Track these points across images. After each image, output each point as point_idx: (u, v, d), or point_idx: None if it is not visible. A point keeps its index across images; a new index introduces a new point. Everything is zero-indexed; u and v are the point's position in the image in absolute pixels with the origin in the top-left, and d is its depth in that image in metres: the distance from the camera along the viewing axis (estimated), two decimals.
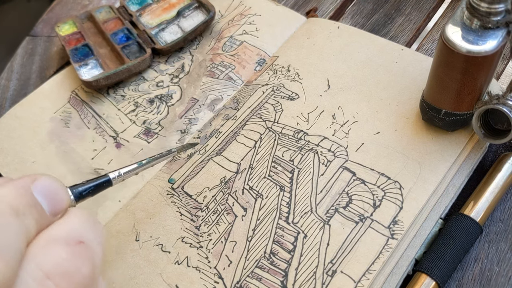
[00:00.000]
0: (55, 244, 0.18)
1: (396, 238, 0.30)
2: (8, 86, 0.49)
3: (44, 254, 0.18)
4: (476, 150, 0.34)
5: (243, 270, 0.31)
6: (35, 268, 0.17)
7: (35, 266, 0.17)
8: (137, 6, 0.51)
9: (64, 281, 0.17)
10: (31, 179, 0.20)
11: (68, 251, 0.18)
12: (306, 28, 0.45)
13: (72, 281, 0.17)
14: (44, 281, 0.17)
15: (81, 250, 0.18)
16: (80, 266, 0.18)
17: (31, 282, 0.17)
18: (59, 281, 0.17)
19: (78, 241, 0.19)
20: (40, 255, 0.17)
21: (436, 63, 0.31)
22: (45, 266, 0.17)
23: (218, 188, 0.36)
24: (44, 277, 0.17)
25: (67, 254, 0.18)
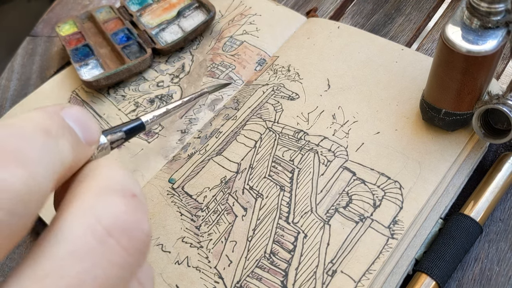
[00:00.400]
0: (112, 195, 0.16)
1: (396, 238, 0.30)
2: (8, 86, 0.49)
3: (102, 206, 0.15)
4: (476, 150, 0.34)
5: (243, 270, 0.31)
6: (94, 222, 0.14)
7: (94, 220, 0.15)
8: (138, 6, 0.51)
9: (126, 238, 0.15)
10: (59, 106, 0.17)
11: (127, 204, 0.15)
12: (306, 28, 0.45)
13: (134, 238, 0.15)
14: (106, 239, 0.14)
15: (137, 204, 0.16)
16: (140, 222, 0.16)
17: (90, 238, 0.14)
18: (120, 238, 0.15)
19: (132, 193, 0.16)
20: (99, 207, 0.15)
21: (436, 63, 0.31)
22: (106, 220, 0.15)
23: (218, 188, 0.36)
24: (106, 234, 0.14)
25: (126, 207, 0.15)
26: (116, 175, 0.17)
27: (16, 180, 0.13)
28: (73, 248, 0.14)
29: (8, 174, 0.13)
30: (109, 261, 0.14)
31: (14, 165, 0.13)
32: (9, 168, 0.13)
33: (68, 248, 0.14)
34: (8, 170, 0.13)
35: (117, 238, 0.15)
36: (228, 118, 0.40)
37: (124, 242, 0.15)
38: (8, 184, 0.13)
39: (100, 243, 0.14)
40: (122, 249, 0.15)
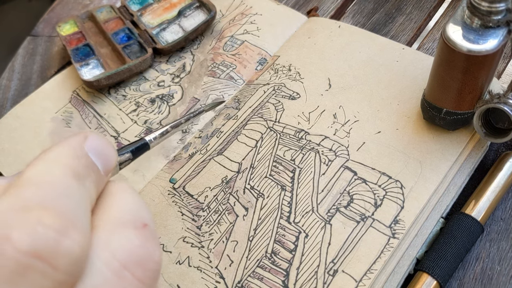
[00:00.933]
0: (124, 229, 0.17)
1: (397, 238, 0.30)
2: (9, 86, 0.49)
3: (117, 241, 0.16)
4: (477, 149, 0.34)
5: (245, 269, 0.31)
6: (110, 258, 0.16)
7: (110, 255, 0.16)
8: (138, 6, 0.51)
9: (140, 270, 0.16)
10: (83, 137, 0.18)
11: (139, 236, 0.17)
12: (307, 27, 0.45)
13: (148, 269, 0.16)
14: (122, 272, 0.16)
15: (148, 234, 0.17)
16: (151, 252, 0.17)
17: (108, 273, 0.15)
18: (135, 271, 0.16)
19: (143, 223, 0.17)
20: (114, 243, 0.16)
21: (437, 62, 0.31)
22: (121, 255, 0.16)
23: (219, 187, 0.36)
24: (122, 268, 0.16)
25: (139, 240, 0.16)
26: (127, 205, 0.18)
27: (75, 245, 0.15)
28: (93, 283, 0.15)
29: (70, 241, 0.14)
30: None
31: (72, 231, 0.15)
32: (69, 235, 0.14)
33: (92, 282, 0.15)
34: (69, 237, 0.14)
35: (132, 271, 0.16)
36: (229, 118, 0.40)
37: (139, 273, 0.16)
38: (70, 250, 0.14)
39: (117, 277, 0.16)
40: (137, 280, 0.16)
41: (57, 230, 0.14)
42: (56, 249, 0.14)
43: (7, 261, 0.13)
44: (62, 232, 0.14)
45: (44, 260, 0.14)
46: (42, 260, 0.14)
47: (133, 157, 0.26)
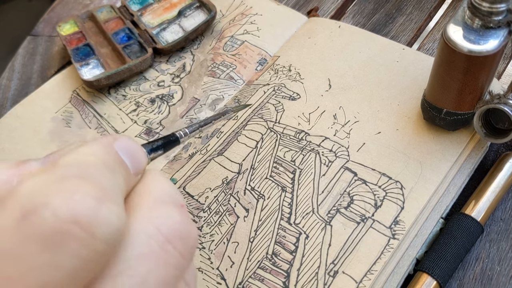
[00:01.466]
0: (166, 206, 0.18)
1: (397, 238, 0.30)
2: (9, 85, 0.49)
3: (160, 217, 0.17)
4: (477, 150, 0.34)
5: (246, 271, 0.31)
6: (155, 232, 0.17)
7: (155, 229, 0.17)
8: (138, 6, 0.51)
9: (181, 244, 0.17)
10: (113, 138, 0.19)
11: (179, 214, 0.18)
12: (307, 27, 0.45)
13: (187, 244, 0.17)
14: (166, 245, 0.17)
15: (186, 213, 0.18)
16: (190, 229, 0.18)
17: (154, 245, 0.16)
18: (177, 245, 0.17)
19: (181, 203, 0.18)
20: (157, 218, 0.17)
21: (438, 63, 0.31)
22: (165, 229, 0.17)
23: (220, 188, 0.36)
24: (166, 241, 0.17)
25: (180, 217, 0.18)
26: (165, 188, 0.19)
27: (113, 215, 0.15)
28: (139, 252, 0.16)
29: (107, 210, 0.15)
30: (168, 263, 0.17)
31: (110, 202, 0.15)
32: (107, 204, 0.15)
33: (135, 251, 0.16)
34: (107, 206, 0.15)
35: (174, 244, 0.17)
36: (229, 118, 0.40)
37: (180, 247, 0.17)
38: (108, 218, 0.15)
39: (161, 249, 0.17)
40: (178, 253, 0.17)
41: (96, 198, 0.15)
42: (95, 216, 0.14)
43: (45, 226, 0.14)
44: (100, 200, 0.15)
45: (82, 227, 0.14)
46: (80, 227, 0.14)
47: (164, 151, 0.26)
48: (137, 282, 0.16)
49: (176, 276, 0.17)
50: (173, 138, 0.27)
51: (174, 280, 0.17)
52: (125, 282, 0.16)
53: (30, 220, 0.14)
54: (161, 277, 0.16)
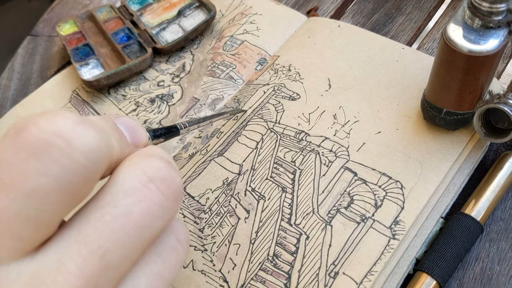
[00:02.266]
0: (153, 157, 0.20)
1: (397, 239, 0.30)
2: (9, 85, 0.49)
3: (147, 162, 0.20)
4: (477, 149, 0.34)
5: (247, 273, 0.31)
6: (140, 173, 0.19)
7: (140, 171, 0.19)
8: (138, 6, 0.51)
9: (163, 185, 0.19)
10: (114, 115, 0.22)
11: (164, 163, 0.20)
12: (307, 27, 0.45)
13: (170, 186, 0.20)
14: (148, 184, 0.19)
15: (172, 165, 0.21)
16: (174, 175, 0.20)
17: (137, 183, 0.19)
18: (160, 185, 0.19)
19: (168, 160, 0.21)
20: (144, 163, 0.20)
21: (437, 63, 0.31)
22: (149, 171, 0.19)
23: (220, 189, 0.36)
24: (148, 181, 0.19)
25: (164, 165, 0.20)
26: (157, 149, 0.22)
27: (90, 134, 0.17)
28: (124, 188, 0.19)
29: (84, 129, 0.17)
30: (150, 200, 0.19)
31: (89, 126, 0.18)
32: (84, 126, 0.17)
33: (120, 188, 0.19)
34: (84, 127, 0.17)
35: (157, 184, 0.19)
36: (229, 118, 0.40)
37: (162, 188, 0.19)
38: (85, 135, 0.17)
39: (144, 186, 0.19)
40: (160, 193, 0.19)
41: (74, 121, 0.17)
42: (72, 131, 0.17)
43: (32, 137, 0.16)
44: (78, 123, 0.17)
45: (62, 138, 0.17)
46: (60, 138, 0.17)
47: (165, 138, 0.29)
48: (122, 212, 0.18)
49: (161, 217, 0.19)
50: (174, 128, 0.31)
51: (160, 220, 0.19)
52: (111, 211, 0.18)
53: (21, 134, 0.16)
54: (144, 211, 0.19)
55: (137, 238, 0.18)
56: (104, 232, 0.18)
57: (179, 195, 0.20)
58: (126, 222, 0.18)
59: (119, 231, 0.18)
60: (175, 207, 0.20)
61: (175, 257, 0.21)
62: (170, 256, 0.21)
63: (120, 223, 0.18)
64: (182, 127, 0.32)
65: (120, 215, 0.18)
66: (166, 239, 0.21)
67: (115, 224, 0.18)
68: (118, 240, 0.18)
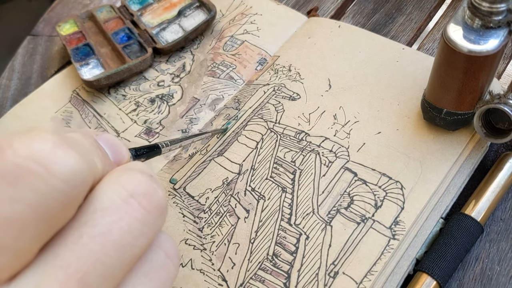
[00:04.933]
0: (133, 171, 0.19)
1: (397, 239, 0.30)
2: (9, 85, 0.49)
3: (127, 176, 0.19)
4: (477, 150, 0.34)
5: (246, 272, 0.31)
6: (119, 188, 0.18)
7: (119, 186, 0.18)
8: (138, 6, 0.51)
9: (145, 200, 0.18)
10: (94, 131, 0.21)
11: (145, 176, 0.19)
12: (307, 27, 0.45)
13: (152, 201, 0.19)
14: (129, 199, 0.18)
15: (153, 179, 0.20)
16: (156, 188, 0.19)
17: (116, 199, 0.18)
18: (141, 200, 0.18)
19: (150, 174, 0.20)
20: (123, 178, 0.19)
21: (438, 63, 0.31)
22: (129, 186, 0.18)
23: (220, 189, 0.36)
24: (129, 196, 0.18)
25: (145, 178, 0.19)
26: (137, 163, 0.21)
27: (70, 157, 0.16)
28: (102, 205, 0.18)
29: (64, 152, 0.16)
30: (132, 216, 0.18)
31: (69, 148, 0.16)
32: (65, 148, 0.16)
33: (98, 205, 0.18)
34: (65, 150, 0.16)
35: (138, 199, 0.18)
36: (229, 118, 0.40)
37: (144, 202, 0.18)
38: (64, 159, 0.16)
39: (125, 202, 0.18)
40: (142, 208, 0.18)
41: (53, 143, 0.16)
42: (50, 155, 0.16)
43: (7, 162, 0.15)
44: (58, 145, 0.16)
45: (39, 163, 0.15)
46: (38, 163, 0.15)
47: (147, 157, 0.29)
48: (100, 231, 0.17)
49: (144, 233, 0.18)
50: (156, 147, 0.30)
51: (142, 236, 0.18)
52: (89, 232, 0.17)
53: None
54: (125, 228, 0.18)
55: (118, 258, 0.17)
56: (81, 254, 0.17)
57: (163, 209, 0.19)
58: (106, 242, 0.17)
59: (97, 252, 0.17)
60: (159, 223, 0.19)
61: (165, 275, 0.20)
62: (159, 274, 0.20)
63: (99, 243, 0.17)
64: (164, 145, 0.31)
65: (99, 235, 0.17)
66: (153, 256, 0.20)
67: (93, 245, 0.17)
68: (98, 262, 0.17)
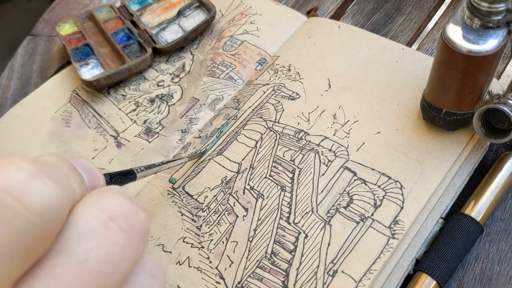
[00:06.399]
0: (112, 193, 0.18)
1: (397, 238, 0.30)
2: (9, 85, 0.49)
3: (106, 199, 0.18)
4: (476, 150, 0.34)
5: (244, 270, 0.31)
6: (97, 211, 0.17)
7: (97, 209, 0.17)
8: (138, 6, 0.51)
9: (126, 223, 0.17)
10: (69, 156, 0.20)
11: (125, 198, 0.18)
12: (306, 27, 0.45)
13: (134, 223, 0.17)
14: (108, 224, 0.17)
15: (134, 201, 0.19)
16: (137, 210, 0.18)
17: (94, 224, 0.17)
18: (121, 223, 0.17)
19: (129, 197, 0.19)
20: (102, 200, 0.17)
21: (437, 63, 0.31)
22: (108, 209, 0.17)
23: (219, 188, 0.36)
24: (108, 219, 0.17)
25: (125, 200, 0.18)
26: (116, 186, 0.19)
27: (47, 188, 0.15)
28: (78, 232, 0.16)
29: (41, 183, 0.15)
30: (112, 242, 0.17)
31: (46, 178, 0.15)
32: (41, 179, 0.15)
33: (74, 232, 0.16)
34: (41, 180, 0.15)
35: (118, 223, 0.17)
36: (229, 118, 0.40)
37: (125, 226, 0.17)
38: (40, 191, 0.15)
39: (103, 227, 0.17)
40: (123, 232, 0.17)
41: (29, 172, 0.15)
42: (25, 187, 0.15)
43: None
44: (34, 175, 0.15)
45: (13, 196, 0.14)
46: (12, 196, 0.14)
47: (121, 183, 0.28)
48: (76, 260, 0.16)
49: (126, 259, 0.17)
50: (131, 173, 0.29)
51: (123, 262, 0.17)
52: (64, 261, 0.16)
53: None
54: (103, 255, 0.16)
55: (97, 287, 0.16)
56: (55, 286, 0.15)
57: (145, 232, 0.18)
58: (82, 272, 0.16)
59: (74, 284, 0.16)
60: (141, 246, 0.18)
61: None
62: None
63: (75, 273, 0.16)
64: (139, 170, 0.30)
65: (74, 264, 0.16)
66: (137, 279, 0.18)
67: (68, 276, 0.16)
68: None
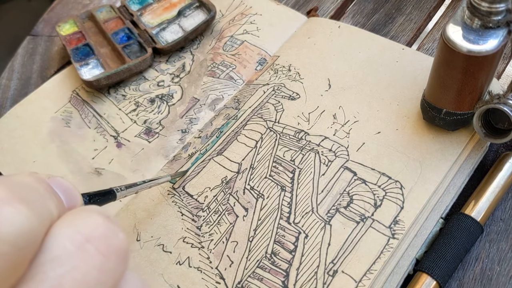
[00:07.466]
0: (89, 212, 0.17)
1: (397, 238, 0.30)
2: (9, 85, 0.49)
3: (82, 219, 0.17)
4: (477, 150, 0.34)
5: (245, 270, 0.31)
6: (73, 233, 0.16)
7: (73, 230, 0.16)
8: (138, 6, 0.51)
9: (103, 244, 0.16)
10: (45, 175, 0.19)
11: (103, 218, 0.17)
12: (306, 27, 0.45)
13: (111, 244, 0.17)
14: (85, 245, 0.16)
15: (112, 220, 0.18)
16: (115, 230, 0.17)
17: (70, 246, 0.16)
18: (98, 245, 0.16)
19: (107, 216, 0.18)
20: (78, 221, 0.17)
21: (437, 63, 0.31)
22: (84, 230, 0.16)
23: (219, 188, 0.36)
24: (84, 241, 0.16)
25: (102, 220, 0.17)
26: (93, 206, 0.18)
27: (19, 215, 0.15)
28: (53, 255, 0.15)
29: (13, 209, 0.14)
30: (88, 264, 0.16)
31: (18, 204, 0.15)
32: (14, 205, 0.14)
33: (48, 255, 0.15)
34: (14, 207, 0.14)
35: (95, 244, 0.16)
36: (229, 118, 0.40)
37: (102, 247, 0.16)
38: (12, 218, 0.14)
39: (79, 249, 0.16)
40: (100, 254, 0.16)
41: (1, 199, 0.14)
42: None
43: None
44: (6, 201, 0.14)
45: None
46: None
47: (100, 203, 0.27)
48: (49, 286, 0.15)
49: (103, 282, 0.16)
50: (111, 193, 0.29)
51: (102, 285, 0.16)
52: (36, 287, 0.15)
53: None
54: (79, 279, 0.15)
55: None
56: None
57: (125, 252, 0.17)
58: None
59: None
60: (121, 268, 0.17)
61: None
62: None
63: None
64: (119, 190, 0.30)
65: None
66: None
67: None
68: None
